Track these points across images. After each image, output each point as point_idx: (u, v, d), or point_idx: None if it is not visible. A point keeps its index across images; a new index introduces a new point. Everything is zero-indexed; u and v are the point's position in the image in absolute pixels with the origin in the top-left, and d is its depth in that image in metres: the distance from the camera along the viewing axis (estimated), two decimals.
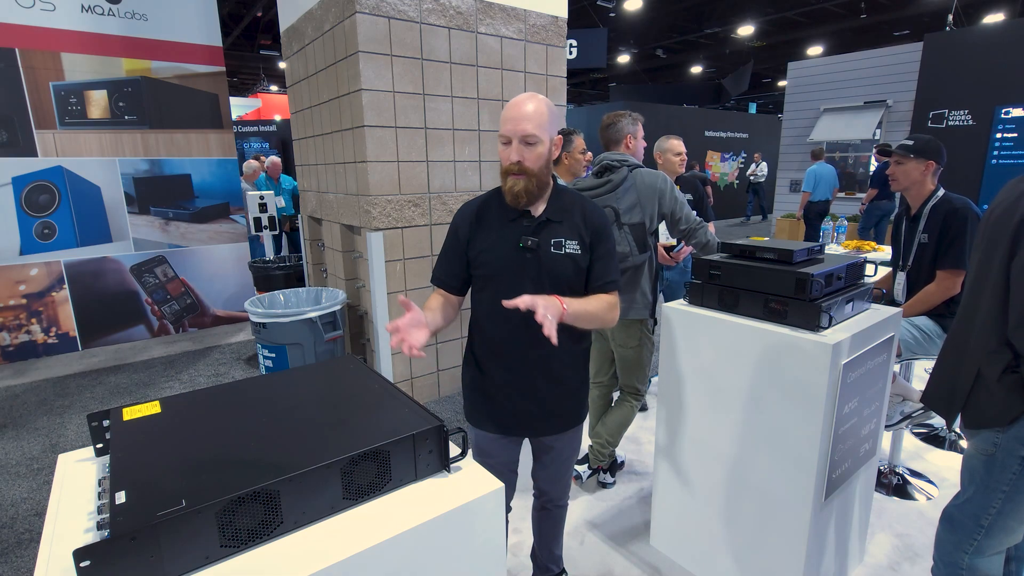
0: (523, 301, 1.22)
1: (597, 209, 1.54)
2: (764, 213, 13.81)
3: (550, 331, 1.19)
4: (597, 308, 1.43)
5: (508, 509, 1.74)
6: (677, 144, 3.38)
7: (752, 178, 13.38)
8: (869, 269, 1.98)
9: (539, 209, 1.48)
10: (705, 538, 1.99)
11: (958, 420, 1.48)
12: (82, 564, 0.68)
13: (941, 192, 2.34)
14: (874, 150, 7.90)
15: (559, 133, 3.14)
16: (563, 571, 1.94)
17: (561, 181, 2.98)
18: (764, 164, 13.16)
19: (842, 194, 8.66)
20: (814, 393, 1.57)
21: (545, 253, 1.45)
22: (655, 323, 2.42)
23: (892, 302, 2.52)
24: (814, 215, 7.59)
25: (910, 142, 2.35)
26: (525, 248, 1.45)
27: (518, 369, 1.52)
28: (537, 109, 1.39)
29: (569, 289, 1.46)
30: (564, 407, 1.59)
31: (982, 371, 1.38)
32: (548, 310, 1.22)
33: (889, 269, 2.62)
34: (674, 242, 2.98)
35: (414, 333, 1.26)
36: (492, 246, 1.48)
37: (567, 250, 1.46)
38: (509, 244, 1.46)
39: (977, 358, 1.39)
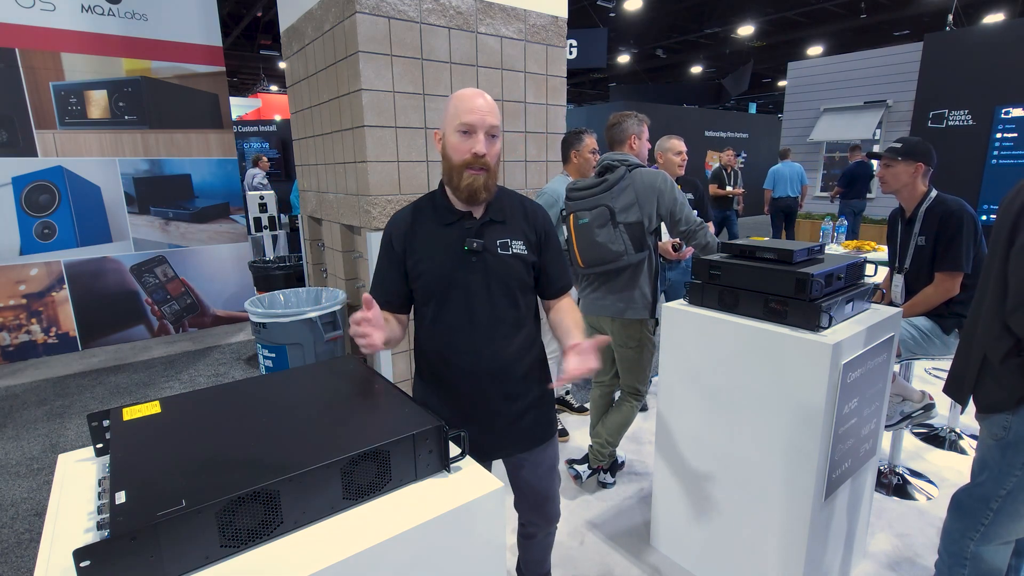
0: (568, 377, 1.17)
1: (537, 206, 1.48)
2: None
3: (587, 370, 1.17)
4: (578, 317, 1.42)
5: None
6: (678, 144, 3.38)
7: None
8: (869, 269, 1.98)
9: (479, 210, 1.39)
10: (705, 538, 1.99)
11: (971, 405, 1.52)
12: (82, 564, 0.68)
13: (934, 194, 2.34)
14: (848, 152, 8.14)
15: (569, 132, 3.13)
16: None
17: (566, 180, 2.98)
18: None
19: (826, 193, 8.74)
20: (814, 393, 1.57)
21: (492, 255, 1.35)
22: (656, 323, 2.42)
23: (891, 304, 2.52)
24: (776, 211, 8.09)
25: (898, 144, 2.35)
26: (470, 251, 1.34)
27: (469, 386, 1.40)
28: (494, 105, 1.33)
29: (519, 291, 1.40)
30: (522, 423, 1.46)
31: (988, 356, 1.42)
32: (583, 367, 1.18)
33: (888, 269, 2.63)
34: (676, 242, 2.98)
35: (376, 333, 1.17)
36: (432, 253, 1.36)
37: (514, 250, 1.37)
38: (452, 249, 1.35)
39: (983, 344, 1.44)
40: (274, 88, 16.85)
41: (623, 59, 15.22)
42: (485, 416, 1.42)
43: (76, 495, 0.95)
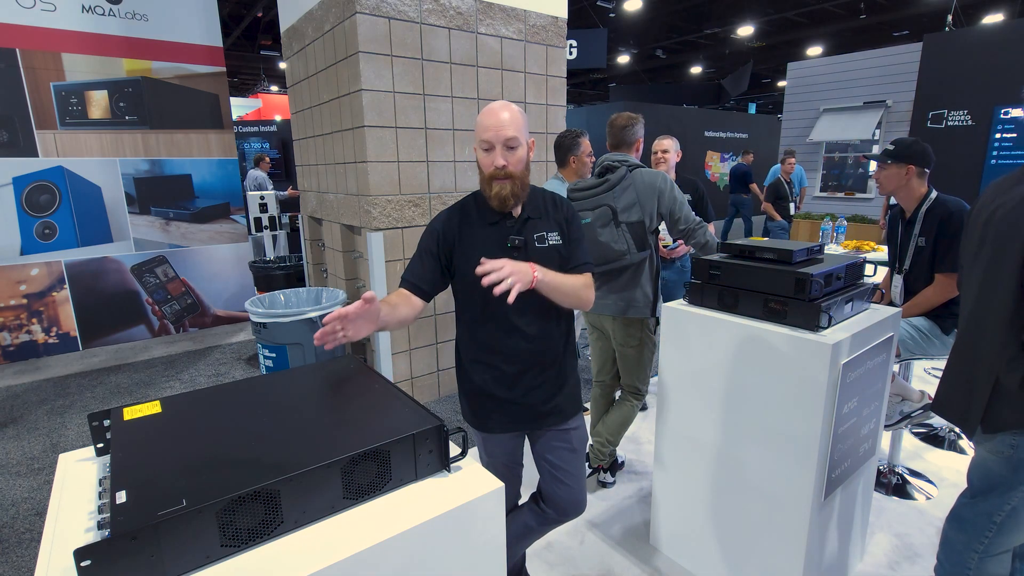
0: (488, 266, 1.27)
1: (561, 197, 1.62)
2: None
3: (511, 293, 1.26)
4: (574, 283, 1.48)
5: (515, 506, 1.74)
6: (663, 142, 3.36)
7: None
8: (868, 269, 1.98)
9: (517, 209, 1.53)
10: (705, 538, 1.99)
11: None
12: (83, 563, 0.68)
13: (934, 195, 2.34)
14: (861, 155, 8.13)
15: (565, 136, 3.12)
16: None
17: (562, 182, 2.99)
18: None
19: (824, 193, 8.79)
20: (814, 393, 1.57)
21: (532, 249, 1.51)
22: (656, 322, 2.42)
23: (890, 304, 2.52)
24: None
25: (891, 147, 2.36)
26: (513, 247, 1.49)
27: (517, 362, 1.53)
28: (513, 115, 1.44)
29: None
30: (562, 394, 1.61)
31: (1001, 379, 1.35)
32: (515, 276, 1.28)
33: (887, 269, 2.63)
34: (670, 241, 2.98)
35: (360, 324, 1.23)
36: (480, 251, 1.47)
37: (550, 242, 1.53)
38: (497, 246, 1.49)
39: (995, 366, 1.36)
40: (274, 88, 16.85)
41: (623, 59, 15.21)
42: (533, 386, 1.55)
43: (77, 495, 0.96)
